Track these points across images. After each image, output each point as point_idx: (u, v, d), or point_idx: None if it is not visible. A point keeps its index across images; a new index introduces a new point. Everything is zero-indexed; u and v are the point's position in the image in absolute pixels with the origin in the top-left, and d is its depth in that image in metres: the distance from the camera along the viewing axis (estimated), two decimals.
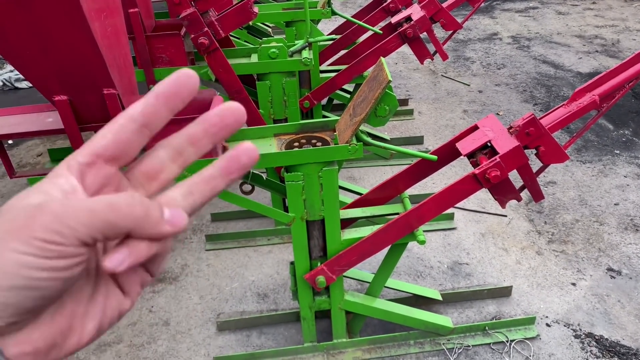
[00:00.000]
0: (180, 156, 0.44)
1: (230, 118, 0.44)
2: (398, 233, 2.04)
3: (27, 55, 1.64)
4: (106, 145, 0.41)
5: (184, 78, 0.42)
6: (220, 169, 0.44)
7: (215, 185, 0.44)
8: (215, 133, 0.44)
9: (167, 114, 0.43)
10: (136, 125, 0.42)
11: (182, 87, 0.42)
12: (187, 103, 0.43)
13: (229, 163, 0.44)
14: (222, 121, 0.44)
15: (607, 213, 3.18)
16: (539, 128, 1.92)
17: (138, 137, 0.42)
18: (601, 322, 2.47)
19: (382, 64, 1.83)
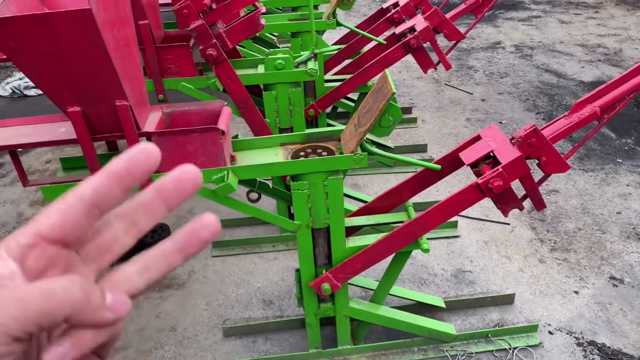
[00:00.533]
0: (134, 227, 0.42)
1: (187, 183, 0.41)
2: (402, 241, 2.07)
3: (42, 67, 1.69)
4: (51, 226, 0.38)
5: (141, 156, 0.39)
6: (178, 244, 0.41)
7: (173, 261, 0.42)
8: (171, 199, 0.41)
9: (120, 194, 0.39)
10: (85, 205, 0.38)
11: (137, 166, 0.39)
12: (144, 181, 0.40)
13: (189, 238, 0.41)
14: (178, 187, 0.41)
15: (610, 221, 3.20)
16: (540, 139, 1.95)
17: (86, 218, 0.39)
18: (603, 331, 2.50)
19: (387, 77, 1.88)
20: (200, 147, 1.83)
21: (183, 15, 2.36)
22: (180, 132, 1.80)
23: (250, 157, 2.04)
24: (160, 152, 0.41)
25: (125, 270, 0.41)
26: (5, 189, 3.93)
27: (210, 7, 2.41)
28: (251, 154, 2.07)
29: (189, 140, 1.81)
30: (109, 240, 0.42)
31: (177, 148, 1.83)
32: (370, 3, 7.92)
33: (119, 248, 0.42)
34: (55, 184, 1.89)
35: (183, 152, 1.83)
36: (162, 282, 2.91)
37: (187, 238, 0.41)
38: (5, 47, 1.57)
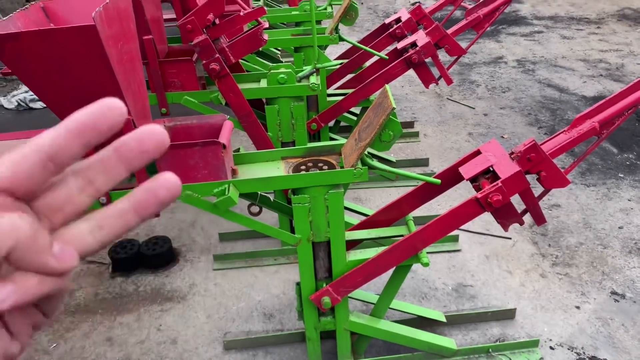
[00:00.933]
0: (91, 185, 0.39)
1: (149, 143, 0.38)
2: (402, 255, 2.08)
3: (46, 81, 1.72)
4: (1, 177, 0.36)
5: (106, 109, 0.37)
6: (134, 203, 0.39)
7: (128, 220, 0.39)
8: (131, 159, 0.38)
9: (80, 149, 0.37)
10: (41, 157, 0.36)
11: (101, 118, 0.37)
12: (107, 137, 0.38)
13: (145, 197, 0.39)
14: (140, 146, 0.38)
15: (611, 236, 3.20)
16: (540, 154, 1.97)
17: (41, 171, 0.37)
18: (605, 346, 2.48)
19: (387, 92, 1.90)
20: (201, 161, 1.85)
21: (187, 30, 2.40)
22: (182, 145, 1.82)
23: (252, 171, 2.05)
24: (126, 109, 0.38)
25: (77, 228, 0.39)
26: None
27: (213, 23, 2.45)
28: (252, 168, 2.08)
29: (190, 154, 1.83)
30: (63, 198, 0.39)
31: (178, 161, 1.84)
32: (373, 19, 7.99)
33: (73, 206, 0.39)
34: None
35: (185, 166, 1.85)
36: (164, 295, 2.92)
37: (144, 197, 0.39)
38: (10, 61, 1.60)
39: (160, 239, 3.21)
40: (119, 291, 2.97)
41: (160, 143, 0.39)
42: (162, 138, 0.39)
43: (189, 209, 3.64)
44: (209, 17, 2.40)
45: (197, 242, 3.33)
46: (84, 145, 0.37)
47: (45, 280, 0.37)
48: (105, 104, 0.38)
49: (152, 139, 0.38)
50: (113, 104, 0.38)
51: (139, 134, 0.38)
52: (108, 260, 3.17)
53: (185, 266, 3.13)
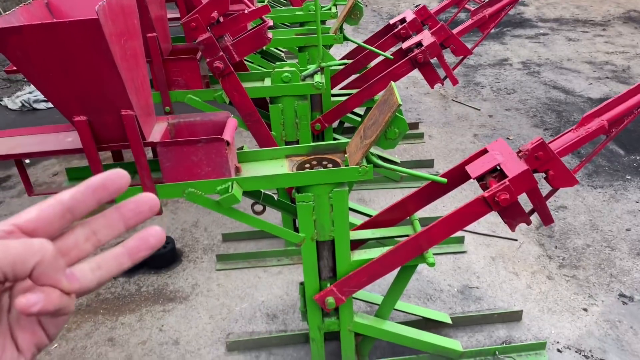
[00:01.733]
0: (94, 236, 0.48)
1: (144, 207, 0.48)
2: (408, 255, 2.05)
3: (49, 76, 1.70)
4: (29, 219, 0.45)
5: (115, 176, 0.47)
6: (128, 249, 0.48)
7: (122, 262, 0.48)
8: (129, 218, 0.48)
9: (93, 204, 0.47)
10: (62, 207, 0.45)
11: (111, 183, 0.47)
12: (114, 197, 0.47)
13: (138, 244, 0.48)
14: (136, 209, 0.48)
15: (619, 238, 3.16)
16: (547, 152, 1.94)
17: (60, 218, 0.45)
18: (613, 349, 2.44)
19: (393, 88, 1.87)
20: (205, 158, 1.82)
21: (191, 28, 2.38)
22: (186, 142, 1.80)
23: (256, 169, 2.03)
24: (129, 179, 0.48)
25: (80, 267, 0.46)
26: (13, 201, 3.95)
27: (217, 21, 2.43)
28: (256, 166, 2.06)
29: (193, 151, 1.81)
30: (71, 244, 0.47)
31: (182, 158, 1.82)
32: (377, 21, 7.98)
33: (78, 252, 0.47)
34: None
35: (188, 163, 1.83)
36: (166, 295, 2.90)
37: (137, 244, 0.48)
38: (13, 56, 1.58)
39: None
40: (121, 291, 2.95)
41: (153, 207, 0.49)
42: (155, 203, 0.49)
43: (192, 209, 3.63)
44: (213, 14, 2.38)
45: (200, 243, 3.31)
46: (96, 201, 0.47)
47: (62, 297, 0.44)
48: (115, 172, 0.47)
49: (147, 204, 0.49)
50: (120, 172, 0.47)
51: (137, 199, 0.48)
52: None
53: (188, 266, 3.11)
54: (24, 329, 0.46)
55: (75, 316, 2.79)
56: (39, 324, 0.47)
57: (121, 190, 0.47)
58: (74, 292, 0.45)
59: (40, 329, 0.47)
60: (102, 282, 0.48)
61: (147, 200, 0.49)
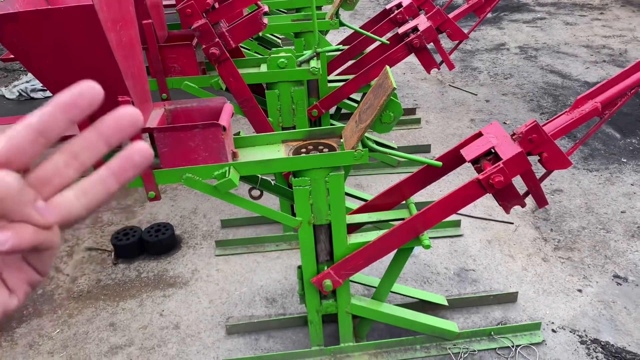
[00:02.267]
0: (75, 160, 0.44)
1: (125, 121, 0.44)
2: (404, 237, 2.08)
3: (46, 64, 1.71)
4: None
5: (85, 89, 0.43)
6: (113, 170, 0.45)
7: (110, 185, 0.45)
8: (110, 136, 0.44)
9: (65, 124, 0.43)
10: (31, 132, 0.42)
11: (81, 97, 0.43)
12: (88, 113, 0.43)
13: (122, 163, 0.45)
14: (117, 124, 0.44)
15: (614, 220, 3.19)
16: (541, 134, 1.96)
17: (32, 144, 0.42)
18: (607, 329, 2.48)
19: (387, 72, 1.89)
20: (201, 143, 1.84)
21: (186, 14, 2.38)
22: (182, 127, 1.82)
23: (252, 154, 2.05)
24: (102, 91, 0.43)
25: (64, 195, 0.44)
26: None
27: (213, 7, 2.44)
28: (253, 151, 2.08)
29: (190, 136, 1.83)
30: (50, 171, 0.44)
31: (179, 144, 1.84)
32: (374, 6, 7.94)
33: (60, 179, 0.44)
34: None
35: (185, 148, 1.85)
36: (166, 281, 2.93)
37: (121, 163, 0.45)
38: (9, 43, 1.59)
39: (163, 226, 3.21)
40: (121, 277, 2.98)
41: (134, 122, 0.44)
42: (137, 117, 0.45)
43: (190, 196, 3.65)
44: (208, 1, 2.38)
45: (199, 229, 3.34)
46: (68, 120, 0.43)
47: (38, 232, 0.42)
48: (85, 84, 0.43)
49: (128, 118, 0.44)
50: (91, 85, 0.43)
51: (116, 115, 0.44)
52: (111, 248, 3.18)
53: (188, 252, 3.14)
54: (10, 267, 0.44)
55: (77, 302, 2.83)
56: (24, 261, 0.45)
57: (94, 105, 0.43)
58: (50, 225, 0.42)
59: (27, 266, 0.45)
60: (91, 209, 0.45)
61: (128, 113, 0.44)
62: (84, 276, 3.02)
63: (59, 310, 2.78)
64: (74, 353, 2.53)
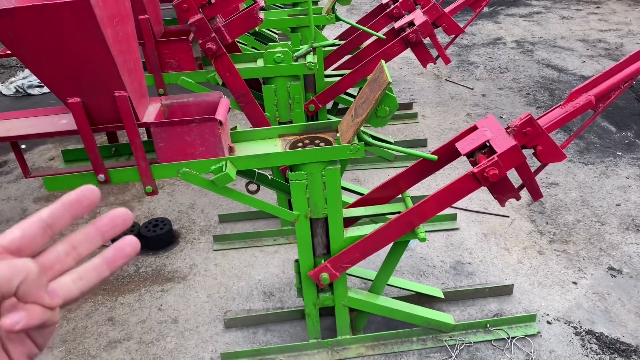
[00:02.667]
0: (75, 250, 0.51)
1: (118, 221, 0.52)
2: (400, 230, 2.09)
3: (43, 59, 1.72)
4: (13, 239, 0.48)
5: (87, 192, 0.50)
6: (106, 259, 0.51)
7: (101, 272, 0.51)
8: (105, 232, 0.51)
9: (70, 219, 0.50)
10: (42, 224, 0.49)
11: (84, 198, 0.50)
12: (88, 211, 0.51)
13: (115, 253, 0.52)
14: (111, 223, 0.51)
15: (609, 213, 3.21)
16: (536, 128, 1.97)
17: (42, 235, 0.49)
18: (601, 320, 2.51)
19: (383, 67, 1.90)
20: (198, 138, 1.85)
21: (182, 9, 2.39)
22: (179, 122, 1.83)
23: (249, 148, 2.06)
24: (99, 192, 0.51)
25: (62, 280, 0.50)
26: (10, 185, 3.97)
27: (209, 2, 2.44)
28: (250, 145, 2.09)
29: (187, 131, 1.84)
30: (53, 259, 0.50)
31: (175, 138, 1.85)
32: (371, 0, 7.94)
33: (61, 266, 0.50)
34: (57, 175, 1.92)
35: (182, 143, 1.86)
36: (164, 275, 2.94)
37: (113, 254, 0.52)
38: (6, 38, 1.60)
39: (161, 221, 3.23)
40: (119, 272, 3.00)
41: (126, 221, 0.52)
42: (128, 217, 0.53)
43: (188, 191, 3.66)
44: None
45: (197, 224, 3.35)
46: (73, 216, 0.50)
47: (45, 311, 0.48)
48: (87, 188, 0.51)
49: (121, 218, 0.52)
50: (91, 188, 0.51)
51: (111, 215, 0.52)
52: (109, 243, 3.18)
53: (186, 247, 3.16)
54: (14, 342, 0.49)
55: None
56: (27, 336, 0.50)
57: (93, 205, 0.51)
58: (56, 307, 0.48)
59: (29, 340, 0.50)
60: (84, 292, 0.51)
61: (121, 214, 0.52)
62: None
63: None
64: (73, 347, 2.55)
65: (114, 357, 2.48)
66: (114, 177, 1.93)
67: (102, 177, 1.89)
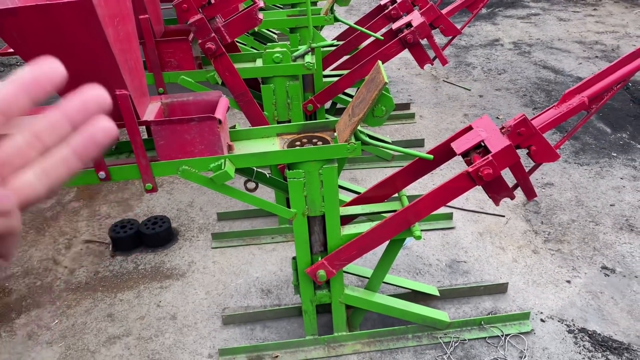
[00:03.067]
0: (38, 140, 0.42)
1: (91, 102, 0.43)
2: (396, 228, 2.13)
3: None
4: None
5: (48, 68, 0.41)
6: (76, 149, 0.43)
7: (72, 165, 0.43)
8: (75, 117, 0.42)
9: (26, 103, 0.41)
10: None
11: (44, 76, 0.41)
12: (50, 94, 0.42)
13: (85, 142, 0.43)
14: (83, 105, 0.43)
15: (603, 213, 3.25)
16: (530, 128, 2.01)
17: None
18: (594, 318, 2.54)
19: (379, 67, 1.93)
20: (198, 136, 1.88)
21: (182, 9, 2.42)
22: (179, 121, 1.86)
23: (248, 147, 2.09)
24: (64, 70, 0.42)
25: (25, 177, 0.42)
26: None
27: (209, 2, 2.47)
28: (248, 144, 2.12)
29: (187, 129, 1.87)
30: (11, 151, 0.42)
31: (175, 137, 1.88)
32: (369, 1, 7.97)
33: (21, 160, 0.42)
34: None
35: (181, 141, 1.89)
36: (163, 272, 2.97)
37: (84, 142, 0.43)
38: (9, 37, 1.63)
39: (160, 219, 3.25)
40: (119, 269, 3.03)
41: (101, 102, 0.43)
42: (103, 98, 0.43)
43: (187, 189, 3.69)
44: None
45: (195, 222, 3.38)
46: (30, 99, 0.41)
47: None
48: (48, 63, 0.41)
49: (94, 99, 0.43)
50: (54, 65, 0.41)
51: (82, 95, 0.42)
52: (108, 240, 3.22)
53: (184, 245, 3.18)
54: None
55: (75, 293, 2.87)
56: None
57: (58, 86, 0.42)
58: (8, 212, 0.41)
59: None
60: (52, 188, 0.43)
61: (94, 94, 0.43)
62: (82, 268, 3.06)
63: (57, 302, 2.83)
64: (73, 343, 2.57)
65: (113, 352, 2.51)
66: (114, 174, 1.96)
67: (103, 174, 1.92)
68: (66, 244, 3.27)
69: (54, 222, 3.46)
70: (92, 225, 3.42)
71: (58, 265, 3.09)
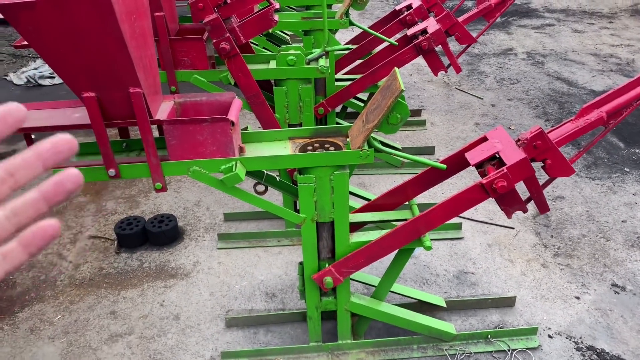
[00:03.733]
0: (12, 177, 0.45)
1: (62, 146, 0.46)
2: (406, 238, 2.10)
3: (60, 53, 1.73)
4: None
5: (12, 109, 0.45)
6: (44, 194, 0.46)
7: (39, 208, 0.46)
8: (47, 158, 0.46)
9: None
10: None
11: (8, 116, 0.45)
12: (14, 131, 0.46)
13: (54, 188, 0.46)
14: (54, 148, 0.46)
15: (614, 229, 3.21)
16: (546, 141, 1.97)
17: None
18: (603, 336, 2.50)
19: (396, 74, 1.90)
20: (210, 137, 1.86)
21: (198, 8, 2.40)
22: (191, 121, 1.84)
23: (259, 150, 2.07)
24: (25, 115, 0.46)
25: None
26: None
27: (225, 2, 2.45)
28: (260, 147, 2.10)
29: (199, 130, 1.85)
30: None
31: (187, 137, 1.86)
32: (384, 6, 7.95)
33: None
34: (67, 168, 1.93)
35: (193, 141, 1.87)
36: (168, 271, 2.95)
37: (53, 188, 0.46)
38: (25, 31, 1.61)
39: (166, 217, 3.24)
40: (123, 267, 3.01)
41: (71, 147, 0.46)
42: (72, 143, 0.47)
43: (194, 188, 3.67)
44: None
45: (202, 221, 3.36)
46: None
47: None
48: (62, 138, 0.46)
49: (65, 144, 0.46)
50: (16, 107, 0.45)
51: (54, 139, 0.46)
52: (114, 237, 3.20)
53: (190, 244, 3.17)
54: None
55: (79, 289, 2.86)
56: None
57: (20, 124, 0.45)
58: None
59: None
60: (20, 228, 0.46)
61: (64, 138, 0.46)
62: (86, 264, 3.05)
63: (60, 297, 2.81)
64: (75, 339, 2.56)
65: (115, 350, 2.49)
66: (124, 172, 1.94)
67: (113, 172, 1.90)
68: (71, 238, 3.26)
69: (59, 216, 3.45)
70: (98, 220, 3.41)
71: (63, 260, 3.08)
